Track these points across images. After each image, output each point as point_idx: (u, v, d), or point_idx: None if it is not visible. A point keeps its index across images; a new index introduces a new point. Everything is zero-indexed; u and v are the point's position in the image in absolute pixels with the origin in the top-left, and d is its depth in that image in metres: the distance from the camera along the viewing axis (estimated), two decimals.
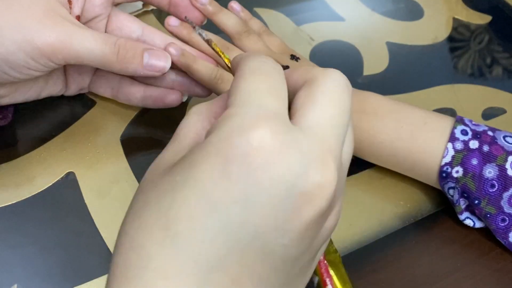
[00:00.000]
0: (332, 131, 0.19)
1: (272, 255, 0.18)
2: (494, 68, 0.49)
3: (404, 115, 0.34)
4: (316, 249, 0.21)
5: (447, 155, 0.32)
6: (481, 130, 0.33)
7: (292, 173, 0.17)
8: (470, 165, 0.32)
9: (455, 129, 0.33)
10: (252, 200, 0.17)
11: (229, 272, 0.18)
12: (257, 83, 0.20)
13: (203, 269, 0.17)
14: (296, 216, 0.18)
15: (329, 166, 0.18)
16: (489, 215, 0.32)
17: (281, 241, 0.18)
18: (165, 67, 0.32)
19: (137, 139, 0.37)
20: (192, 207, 0.17)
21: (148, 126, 0.38)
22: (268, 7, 0.50)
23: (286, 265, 0.19)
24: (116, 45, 0.31)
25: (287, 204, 0.17)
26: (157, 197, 0.19)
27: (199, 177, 0.18)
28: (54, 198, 0.33)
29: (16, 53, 0.29)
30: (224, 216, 0.17)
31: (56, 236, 0.31)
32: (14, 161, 0.34)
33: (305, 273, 0.21)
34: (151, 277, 0.17)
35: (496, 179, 0.32)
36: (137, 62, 0.32)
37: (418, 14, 0.53)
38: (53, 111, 0.38)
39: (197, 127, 0.22)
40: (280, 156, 0.17)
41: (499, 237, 0.33)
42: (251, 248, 0.18)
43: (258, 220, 0.17)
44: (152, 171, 0.21)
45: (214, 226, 0.17)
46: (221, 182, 0.17)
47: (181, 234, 0.17)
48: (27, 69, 0.30)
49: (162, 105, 0.36)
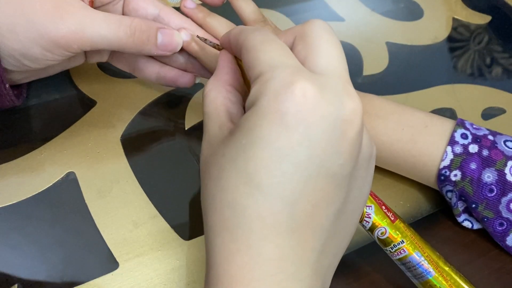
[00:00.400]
0: (342, 67, 0.23)
1: (334, 175, 0.21)
2: (494, 68, 0.49)
3: (405, 118, 0.34)
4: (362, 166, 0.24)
5: (446, 158, 0.32)
6: (482, 134, 0.33)
7: (334, 107, 0.21)
8: (469, 169, 0.32)
9: (455, 132, 0.33)
10: (311, 138, 0.21)
11: (308, 199, 0.21)
12: (273, 50, 0.23)
13: (289, 204, 0.21)
14: (344, 139, 0.21)
15: (353, 93, 0.22)
16: (486, 219, 0.32)
17: (338, 161, 0.21)
18: (176, 47, 0.33)
19: (137, 139, 0.37)
20: (265, 159, 0.21)
21: (148, 126, 0.38)
22: (268, 7, 0.50)
23: (345, 180, 0.22)
24: (132, 27, 0.31)
25: (337, 132, 0.21)
26: (230, 161, 0.22)
27: (263, 134, 0.21)
28: (55, 198, 0.33)
29: (32, 48, 0.29)
30: (294, 158, 0.21)
31: (56, 236, 0.31)
32: (14, 161, 0.34)
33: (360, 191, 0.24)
34: (249, 221, 0.21)
35: (495, 183, 0.32)
36: (152, 43, 0.32)
37: (418, 14, 0.53)
38: (53, 111, 0.38)
39: (220, 98, 0.25)
40: (321, 98, 0.21)
41: (496, 240, 0.33)
42: (319, 175, 0.21)
43: (320, 152, 0.21)
44: (208, 148, 0.24)
45: (288, 168, 0.21)
46: (283, 132, 0.20)
47: (264, 182, 0.21)
48: (45, 61, 0.30)
49: (175, 85, 0.37)
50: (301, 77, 0.21)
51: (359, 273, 0.32)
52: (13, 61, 0.30)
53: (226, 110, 0.25)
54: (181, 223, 0.33)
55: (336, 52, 0.23)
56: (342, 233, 0.24)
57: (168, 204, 0.34)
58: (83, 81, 0.40)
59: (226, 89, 0.26)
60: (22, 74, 0.33)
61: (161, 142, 0.38)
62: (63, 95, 0.39)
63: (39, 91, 0.39)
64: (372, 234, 0.29)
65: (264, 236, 0.21)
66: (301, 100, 0.21)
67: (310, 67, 0.23)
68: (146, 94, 0.40)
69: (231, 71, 0.27)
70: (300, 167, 0.21)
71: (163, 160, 0.36)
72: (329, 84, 0.22)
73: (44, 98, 0.38)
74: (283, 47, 0.23)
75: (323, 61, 0.23)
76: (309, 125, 0.21)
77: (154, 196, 0.34)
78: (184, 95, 0.41)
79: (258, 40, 0.24)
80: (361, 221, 0.29)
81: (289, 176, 0.21)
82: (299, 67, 0.22)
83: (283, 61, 0.22)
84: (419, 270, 0.28)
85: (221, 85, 0.26)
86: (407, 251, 0.28)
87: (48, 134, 0.36)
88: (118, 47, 0.31)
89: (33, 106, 0.37)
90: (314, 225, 0.21)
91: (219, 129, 0.24)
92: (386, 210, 0.29)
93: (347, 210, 0.23)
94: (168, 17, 0.35)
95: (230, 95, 0.26)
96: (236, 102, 0.26)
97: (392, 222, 0.28)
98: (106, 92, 0.40)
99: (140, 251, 0.31)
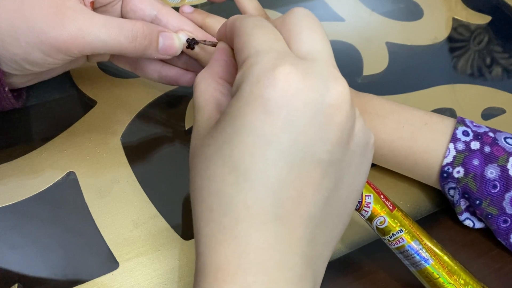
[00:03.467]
0: (326, 51, 0.23)
1: (321, 161, 0.21)
2: (494, 68, 0.49)
3: (405, 116, 0.34)
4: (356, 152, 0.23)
5: (449, 155, 0.32)
6: (482, 132, 0.33)
7: (318, 92, 0.21)
8: (472, 166, 0.32)
9: (456, 130, 0.33)
10: (295, 124, 0.20)
11: (293, 186, 0.21)
12: (262, 34, 0.23)
13: (274, 191, 0.21)
14: (330, 124, 0.21)
15: (340, 78, 0.22)
16: (490, 215, 0.32)
17: (325, 147, 0.21)
18: (177, 51, 0.34)
19: (137, 139, 0.37)
20: (250, 146, 0.21)
21: (148, 126, 0.38)
22: (268, 7, 0.50)
23: (333, 167, 0.22)
24: (134, 32, 0.31)
25: (321, 117, 0.21)
26: (216, 151, 0.22)
27: (246, 122, 0.21)
28: (55, 197, 0.33)
29: (33, 53, 0.29)
30: (278, 144, 0.20)
31: (56, 236, 0.31)
32: (15, 161, 0.34)
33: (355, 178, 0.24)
34: (235, 210, 0.21)
35: (498, 179, 0.32)
36: (153, 47, 0.32)
37: (417, 14, 0.53)
38: (53, 111, 0.38)
39: (210, 90, 0.25)
40: (305, 82, 0.21)
41: (500, 237, 0.33)
42: (304, 161, 0.21)
43: (304, 138, 0.21)
44: (196, 139, 0.24)
45: (272, 154, 0.20)
46: (266, 118, 0.20)
47: (249, 169, 0.21)
48: (47, 65, 0.30)
49: (176, 84, 0.37)
50: (284, 61, 0.21)
51: (359, 273, 0.32)
52: (14, 65, 0.30)
53: (215, 102, 0.25)
54: (181, 223, 0.33)
55: (319, 36, 0.23)
56: (334, 221, 0.23)
57: (168, 204, 0.34)
58: (83, 81, 0.40)
59: (217, 81, 0.26)
60: (24, 78, 0.33)
61: (161, 142, 0.38)
62: (63, 95, 0.39)
63: (39, 91, 0.39)
64: (371, 223, 0.29)
65: (250, 225, 0.21)
66: (284, 86, 0.20)
67: (295, 52, 0.23)
68: (146, 94, 0.40)
69: (224, 63, 0.27)
70: (284, 154, 0.21)
71: (163, 160, 0.36)
72: (314, 69, 0.21)
73: (44, 98, 0.38)
74: (273, 32, 0.23)
75: (306, 46, 0.23)
76: (292, 111, 0.20)
77: (154, 196, 0.34)
78: (184, 95, 0.41)
79: (249, 26, 0.24)
80: (360, 210, 0.29)
81: (273, 163, 0.20)
82: (285, 52, 0.22)
83: (269, 46, 0.22)
84: (417, 258, 0.29)
85: (211, 77, 0.26)
86: (405, 240, 0.28)
87: (48, 134, 0.36)
88: (119, 52, 0.31)
89: (33, 106, 0.37)
90: (301, 213, 0.21)
91: (207, 121, 0.24)
92: (384, 199, 0.29)
93: (339, 197, 0.23)
94: (167, 18, 0.35)
95: (221, 87, 0.26)
96: (227, 94, 0.26)
97: (391, 211, 0.29)
98: (106, 92, 0.40)
99: (140, 251, 0.31)
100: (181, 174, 0.36)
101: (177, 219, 0.33)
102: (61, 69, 0.35)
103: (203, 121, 0.24)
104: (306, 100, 0.21)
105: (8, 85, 0.32)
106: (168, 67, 0.37)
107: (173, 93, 0.41)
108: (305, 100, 0.21)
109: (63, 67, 0.35)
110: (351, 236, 0.34)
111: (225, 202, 0.21)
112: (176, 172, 0.36)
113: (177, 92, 0.41)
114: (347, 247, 0.33)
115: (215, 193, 0.21)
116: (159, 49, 0.33)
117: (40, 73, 0.33)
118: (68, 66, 0.35)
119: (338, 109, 0.21)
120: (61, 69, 0.35)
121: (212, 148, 0.22)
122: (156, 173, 0.35)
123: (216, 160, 0.21)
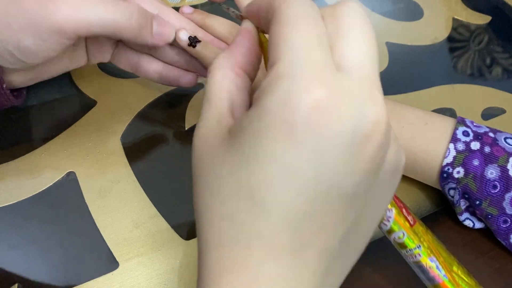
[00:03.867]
0: (372, 65, 0.20)
1: (347, 195, 0.19)
2: (494, 68, 0.49)
3: (404, 116, 0.34)
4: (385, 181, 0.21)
5: (449, 155, 0.32)
6: (482, 132, 0.33)
7: (352, 121, 0.18)
8: (472, 166, 0.32)
9: (456, 130, 0.33)
10: (322, 155, 0.18)
11: (315, 221, 0.19)
12: (306, 31, 0.19)
13: (292, 224, 0.19)
14: (361, 156, 0.19)
15: (379, 100, 0.19)
16: (490, 216, 0.32)
17: (353, 181, 0.19)
18: (170, 37, 0.33)
19: (137, 139, 0.37)
20: (270, 175, 0.19)
21: (148, 126, 0.38)
22: None
23: (360, 199, 0.20)
24: (130, 9, 0.30)
25: (352, 149, 0.19)
26: (231, 172, 0.20)
27: (268, 146, 0.18)
28: (55, 198, 0.33)
29: (25, 38, 0.28)
30: (301, 177, 0.18)
31: (56, 236, 0.31)
32: (15, 161, 0.34)
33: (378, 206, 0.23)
34: (247, 238, 0.19)
35: (498, 180, 0.32)
36: (148, 31, 0.32)
37: (417, 14, 0.53)
38: (53, 111, 0.38)
39: (226, 82, 0.22)
40: (339, 109, 0.18)
41: (500, 237, 0.33)
42: (329, 195, 0.19)
43: (331, 171, 0.19)
44: (203, 142, 0.22)
45: (294, 187, 0.18)
46: (291, 147, 0.18)
47: (266, 199, 0.19)
48: (42, 52, 0.29)
49: (177, 85, 0.37)
50: (321, 83, 0.18)
51: (359, 273, 0.32)
52: (8, 56, 0.29)
53: (229, 99, 0.22)
54: (181, 223, 0.33)
55: (368, 44, 0.20)
56: (351, 252, 0.22)
57: (168, 204, 0.34)
58: (83, 81, 0.40)
59: (235, 72, 0.23)
60: (22, 76, 0.32)
61: (161, 142, 0.38)
62: (63, 95, 0.39)
63: (39, 91, 0.39)
64: (389, 236, 0.28)
65: (263, 255, 0.19)
66: (315, 112, 0.18)
67: (337, 59, 0.20)
68: (146, 94, 0.40)
69: (247, 51, 0.24)
70: (307, 188, 0.19)
71: (163, 160, 0.36)
72: (352, 90, 0.19)
73: (44, 98, 0.38)
74: (319, 30, 0.20)
75: (352, 55, 0.20)
76: (321, 141, 0.18)
77: (154, 196, 0.34)
78: (184, 95, 0.41)
79: (295, 13, 0.20)
80: (379, 224, 0.28)
81: (295, 196, 0.19)
82: (324, 66, 0.19)
83: (309, 53, 0.19)
84: (431, 275, 0.28)
85: (229, 66, 0.23)
86: (422, 256, 0.28)
87: (48, 134, 0.36)
88: (115, 31, 0.30)
89: (33, 106, 0.37)
90: (318, 246, 0.20)
91: (217, 124, 0.22)
92: (406, 214, 0.28)
93: (360, 228, 0.21)
94: (167, 18, 0.35)
95: (239, 79, 0.23)
96: (243, 89, 0.23)
97: (411, 227, 0.28)
98: (106, 92, 0.40)
99: (140, 251, 0.31)
100: (181, 174, 0.36)
101: (177, 219, 0.33)
102: (60, 66, 0.34)
103: (212, 122, 0.22)
104: (338, 130, 0.18)
105: (7, 83, 0.32)
106: (169, 67, 0.36)
107: (173, 93, 0.41)
108: (338, 130, 0.18)
109: (62, 64, 0.34)
110: None
111: (237, 228, 0.19)
112: (176, 172, 0.36)
113: (177, 92, 0.41)
114: None
115: (227, 218, 0.20)
116: (154, 33, 0.32)
117: (38, 71, 0.33)
118: (68, 65, 0.35)
119: (371, 139, 0.19)
120: (60, 66, 0.34)
121: (227, 168, 0.20)
122: (156, 173, 0.35)
123: (231, 183, 0.20)
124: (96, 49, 0.36)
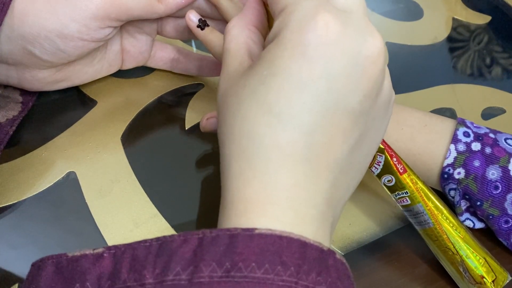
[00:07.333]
0: (361, 3, 0.23)
1: (352, 111, 0.22)
2: (494, 68, 0.49)
3: (404, 117, 0.34)
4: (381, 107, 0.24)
5: (450, 156, 0.32)
6: (483, 133, 0.33)
7: (356, 43, 0.21)
8: (472, 167, 0.32)
9: (457, 130, 0.33)
10: (332, 71, 0.21)
11: (325, 131, 0.22)
12: None
13: (307, 134, 0.21)
14: (365, 76, 0.22)
15: (376, 31, 0.22)
16: (491, 216, 0.32)
17: (357, 98, 0.22)
18: None
19: (138, 138, 0.37)
20: (286, 89, 0.21)
21: (148, 126, 0.38)
22: None
23: (362, 118, 0.23)
24: None
25: (358, 68, 0.21)
26: (250, 92, 0.22)
27: (285, 66, 0.21)
28: (55, 197, 0.33)
29: (69, 25, 0.30)
30: (314, 90, 0.21)
31: (56, 236, 0.31)
32: (15, 161, 0.34)
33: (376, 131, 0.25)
34: (266, 150, 0.21)
35: (500, 180, 0.32)
36: None
37: (417, 14, 0.53)
38: (54, 111, 0.38)
39: (243, 37, 0.26)
40: (344, 32, 0.21)
41: (501, 237, 0.33)
42: (338, 109, 0.22)
43: (339, 86, 0.21)
44: (226, 82, 0.24)
45: (308, 99, 0.21)
46: (305, 64, 0.21)
47: (283, 112, 0.21)
48: (81, 41, 0.31)
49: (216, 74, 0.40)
50: (325, 9, 0.21)
51: (359, 273, 0.32)
52: (47, 44, 0.31)
53: (247, 49, 0.25)
54: (181, 222, 0.33)
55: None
56: (354, 170, 0.24)
57: (169, 204, 0.34)
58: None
59: (249, 29, 0.26)
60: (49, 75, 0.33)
61: (162, 142, 0.38)
62: (63, 95, 0.39)
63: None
64: (380, 179, 0.31)
65: (281, 164, 0.21)
66: (324, 33, 0.21)
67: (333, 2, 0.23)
68: (146, 94, 0.40)
69: (257, 12, 0.27)
70: (319, 100, 0.21)
71: (163, 159, 0.36)
72: (352, 20, 0.22)
73: (44, 98, 0.38)
74: None
75: None
76: (331, 58, 0.21)
77: (155, 196, 0.34)
78: (184, 95, 0.41)
79: None
80: (370, 166, 0.30)
81: (308, 107, 0.21)
82: (324, 1, 0.22)
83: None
84: (421, 219, 0.30)
85: (244, 24, 0.26)
86: (409, 201, 0.30)
87: (48, 134, 0.36)
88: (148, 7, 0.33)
89: (33, 106, 0.37)
90: (328, 157, 0.22)
91: (239, 65, 0.24)
92: (396, 162, 0.30)
93: (362, 148, 0.24)
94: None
95: (253, 35, 0.26)
96: (258, 43, 0.26)
97: (400, 174, 0.30)
98: (107, 92, 0.40)
99: None
100: (181, 173, 0.36)
101: (177, 219, 0.33)
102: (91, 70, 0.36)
103: (234, 65, 0.25)
104: (344, 50, 0.21)
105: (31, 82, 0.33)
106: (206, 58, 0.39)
107: (173, 93, 0.41)
108: (344, 49, 0.21)
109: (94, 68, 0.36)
110: (351, 236, 0.34)
111: (257, 142, 0.22)
112: (176, 171, 0.36)
113: (177, 92, 0.41)
114: (347, 247, 0.33)
115: (247, 133, 0.22)
116: None
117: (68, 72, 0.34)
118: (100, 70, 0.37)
119: (373, 62, 0.22)
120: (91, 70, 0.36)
121: (247, 90, 0.22)
122: (156, 173, 0.35)
123: (250, 101, 0.22)
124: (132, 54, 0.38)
